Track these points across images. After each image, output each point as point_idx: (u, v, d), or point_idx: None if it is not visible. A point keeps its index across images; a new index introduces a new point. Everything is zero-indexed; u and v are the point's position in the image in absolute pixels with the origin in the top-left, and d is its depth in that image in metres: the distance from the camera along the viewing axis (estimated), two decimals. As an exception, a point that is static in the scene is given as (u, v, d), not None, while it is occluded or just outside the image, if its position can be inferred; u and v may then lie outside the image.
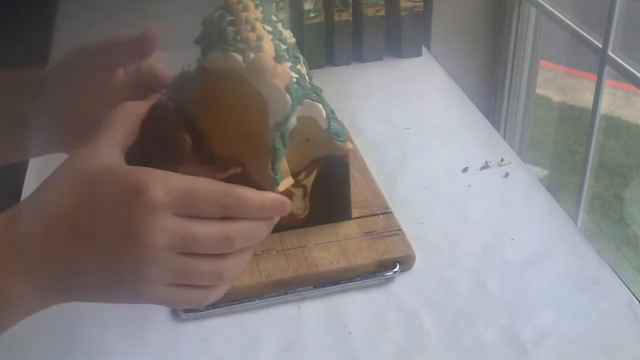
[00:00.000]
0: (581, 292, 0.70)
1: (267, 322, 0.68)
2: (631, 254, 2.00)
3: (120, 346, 0.65)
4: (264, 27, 0.82)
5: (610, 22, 0.89)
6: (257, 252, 0.72)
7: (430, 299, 0.70)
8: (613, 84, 2.33)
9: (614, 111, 2.71)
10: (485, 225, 0.79)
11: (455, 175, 0.86)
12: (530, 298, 0.70)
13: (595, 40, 0.94)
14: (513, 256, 0.74)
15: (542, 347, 0.65)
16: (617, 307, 0.69)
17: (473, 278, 0.72)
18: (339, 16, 1.10)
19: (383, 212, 0.78)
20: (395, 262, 0.72)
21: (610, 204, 2.31)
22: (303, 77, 0.76)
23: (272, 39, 0.80)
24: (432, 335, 0.66)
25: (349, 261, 0.72)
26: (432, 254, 0.75)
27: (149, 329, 0.67)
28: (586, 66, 2.45)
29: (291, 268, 0.71)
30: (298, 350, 0.65)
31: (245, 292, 0.69)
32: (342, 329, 0.67)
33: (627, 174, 2.44)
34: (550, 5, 1.06)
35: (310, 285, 0.71)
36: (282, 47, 0.79)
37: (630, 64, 0.89)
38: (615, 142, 2.66)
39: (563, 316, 0.68)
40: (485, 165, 0.88)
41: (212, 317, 0.68)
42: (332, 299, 0.70)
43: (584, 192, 1.01)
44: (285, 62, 0.58)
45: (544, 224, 0.79)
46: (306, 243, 0.74)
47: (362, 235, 0.75)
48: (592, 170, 1.01)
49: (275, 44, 0.79)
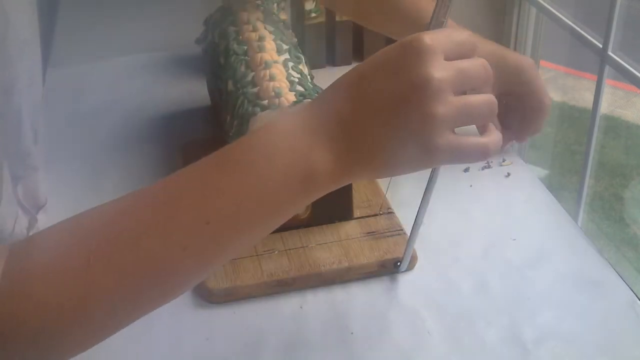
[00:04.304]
0: (583, 291, 0.70)
1: (269, 322, 0.68)
2: (631, 254, 2.00)
3: (123, 345, 0.65)
4: (265, 27, 0.82)
5: (610, 22, 0.89)
6: (259, 252, 0.72)
7: (432, 299, 0.70)
8: (613, 84, 2.33)
9: (614, 111, 2.72)
10: (487, 225, 0.79)
11: (457, 175, 0.87)
12: (532, 298, 0.70)
13: (595, 40, 0.94)
14: (514, 256, 0.75)
15: (543, 347, 0.65)
16: (618, 306, 0.69)
17: (475, 278, 0.72)
18: (340, 16, 1.10)
19: (385, 212, 0.78)
20: (397, 262, 0.72)
21: (610, 204, 2.32)
22: (305, 77, 0.76)
23: (273, 39, 0.80)
24: (434, 335, 0.66)
25: (351, 261, 0.72)
26: (434, 254, 0.75)
27: (151, 329, 0.67)
28: (586, 66, 2.45)
29: (293, 268, 0.71)
30: (300, 350, 0.65)
31: (247, 292, 0.70)
32: (344, 329, 0.67)
33: (627, 174, 2.44)
34: (550, 5, 1.06)
35: (312, 285, 0.71)
36: (284, 47, 0.79)
37: (630, 64, 0.88)
38: (615, 142, 2.66)
39: (564, 316, 0.68)
40: (487, 165, 0.88)
41: (215, 317, 0.68)
42: (334, 299, 0.70)
43: (584, 192, 1.00)
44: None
45: (545, 224, 0.80)
46: (308, 243, 0.74)
47: (364, 236, 0.75)
48: (592, 170, 1.01)
49: (277, 43, 0.79)
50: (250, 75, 0.75)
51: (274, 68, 0.74)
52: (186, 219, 0.49)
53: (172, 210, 0.49)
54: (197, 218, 0.49)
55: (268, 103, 0.71)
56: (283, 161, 0.50)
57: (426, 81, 0.49)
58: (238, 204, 0.50)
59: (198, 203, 0.49)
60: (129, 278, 0.48)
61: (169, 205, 0.50)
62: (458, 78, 0.51)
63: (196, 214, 0.49)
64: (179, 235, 0.49)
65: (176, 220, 0.49)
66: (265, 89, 0.72)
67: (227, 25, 0.84)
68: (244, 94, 0.73)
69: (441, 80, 0.50)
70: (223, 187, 0.50)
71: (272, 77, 0.73)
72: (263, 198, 0.50)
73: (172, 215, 0.49)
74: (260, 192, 0.50)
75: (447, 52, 0.51)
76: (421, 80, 0.49)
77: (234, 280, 0.70)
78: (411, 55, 0.50)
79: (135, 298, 0.49)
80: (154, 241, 0.48)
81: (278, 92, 0.71)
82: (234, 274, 0.70)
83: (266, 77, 0.73)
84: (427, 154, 0.51)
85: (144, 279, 0.49)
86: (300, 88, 0.73)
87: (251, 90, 0.73)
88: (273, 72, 0.73)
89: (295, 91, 0.72)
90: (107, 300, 0.48)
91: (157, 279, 0.49)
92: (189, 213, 0.49)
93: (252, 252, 0.72)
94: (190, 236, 0.49)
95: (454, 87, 0.51)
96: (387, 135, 0.51)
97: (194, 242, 0.49)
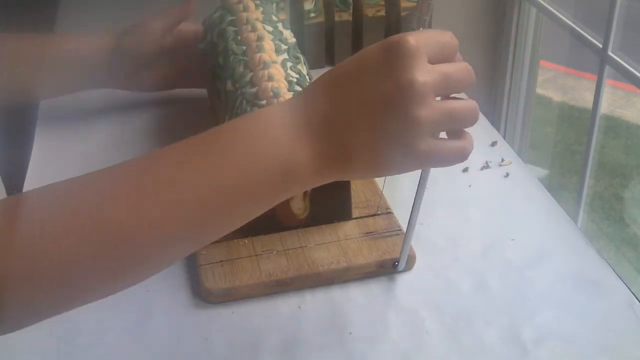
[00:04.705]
0: (582, 292, 0.70)
1: (268, 322, 0.68)
2: (631, 254, 2.00)
3: (121, 346, 0.65)
4: (264, 27, 0.82)
5: (610, 22, 0.89)
6: (257, 252, 0.72)
7: (431, 299, 0.70)
8: (613, 84, 2.33)
9: (614, 111, 2.72)
10: (486, 225, 0.79)
11: (456, 176, 0.86)
12: (531, 298, 0.70)
13: (595, 40, 0.94)
14: (513, 256, 0.74)
15: (542, 347, 0.65)
16: (617, 307, 0.69)
17: (474, 278, 0.72)
18: (339, 16, 1.10)
19: (383, 212, 0.78)
20: (395, 262, 0.72)
21: (610, 204, 2.32)
22: (304, 77, 0.76)
23: (272, 39, 0.80)
24: (433, 335, 0.66)
25: (349, 261, 0.72)
26: (432, 254, 0.75)
27: (149, 330, 0.67)
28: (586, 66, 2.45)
29: (292, 268, 0.71)
30: (298, 351, 0.65)
31: (245, 292, 0.69)
32: (342, 329, 0.67)
33: (627, 174, 2.44)
34: (550, 5, 1.06)
35: (310, 285, 0.71)
36: (283, 47, 0.79)
37: (630, 64, 0.88)
38: (615, 142, 2.66)
39: (564, 316, 0.68)
40: (486, 165, 0.88)
41: (213, 317, 0.68)
42: (333, 299, 0.70)
43: (584, 192, 1.00)
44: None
45: (544, 224, 0.79)
46: (306, 243, 0.74)
47: (363, 236, 0.75)
48: (592, 170, 1.01)
49: (275, 44, 0.79)
50: (249, 76, 0.74)
51: (273, 68, 0.74)
52: (158, 194, 0.48)
53: (143, 184, 0.48)
54: (169, 194, 0.48)
55: (266, 103, 0.71)
56: (264, 150, 0.50)
57: (410, 84, 0.49)
58: (213, 186, 0.49)
59: (173, 179, 0.49)
60: (85, 245, 0.47)
61: (141, 178, 0.49)
62: (442, 82, 0.51)
63: (169, 190, 0.48)
64: (147, 208, 0.48)
65: (146, 194, 0.48)
66: (264, 89, 0.72)
67: (226, 26, 0.84)
68: (242, 94, 0.73)
69: (425, 83, 0.50)
70: (201, 167, 0.49)
71: (271, 77, 0.73)
72: (239, 184, 0.49)
73: (142, 187, 0.48)
74: (237, 178, 0.49)
75: (430, 54, 0.51)
76: (405, 83, 0.49)
77: (233, 280, 0.70)
78: (396, 57, 0.50)
79: (89, 267, 0.48)
80: (119, 210, 0.47)
81: (276, 92, 0.71)
82: (232, 274, 0.70)
83: (265, 77, 0.73)
84: (408, 157, 0.51)
85: (102, 247, 0.47)
86: (299, 88, 0.73)
87: (250, 90, 0.73)
88: (271, 72, 0.73)
89: (293, 91, 0.72)
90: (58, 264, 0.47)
91: (116, 250, 0.48)
92: (161, 188, 0.48)
93: (251, 252, 0.72)
94: (160, 211, 0.48)
95: (438, 91, 0.51)
96: (368, 135, 0.51)
97: (163, 218, 0.48)
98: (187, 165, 0.49)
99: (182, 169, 0.49)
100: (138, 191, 0.48)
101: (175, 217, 0.48)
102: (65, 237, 0.47)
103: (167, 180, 0.49)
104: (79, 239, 0.47)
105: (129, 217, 0.47)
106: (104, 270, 0.49)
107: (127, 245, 0.48)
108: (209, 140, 0.51)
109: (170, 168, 0.49)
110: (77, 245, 0.47)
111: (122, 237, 0.47)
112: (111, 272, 0.49)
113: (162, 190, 0.48)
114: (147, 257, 0.50)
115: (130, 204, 0.48)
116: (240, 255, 0.72)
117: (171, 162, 0.50)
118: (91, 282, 0.49)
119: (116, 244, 0.48)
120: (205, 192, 0.49)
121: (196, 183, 0.49)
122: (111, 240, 0.47)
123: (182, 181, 0.49)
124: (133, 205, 0.48)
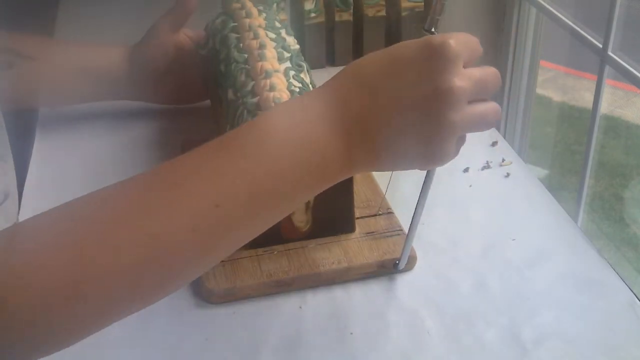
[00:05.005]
0: (582, 292, 0.70)
1: (269, 322, 0.68)
2: (631, 254, 2.00)
3: (123, 345, 0.65)
4: (267, 34, 0.81)
5: (610, 22, 0.89)
6: (258, 252, 0.72)
7: (432, 299, 0.70)
8: (613, 84, 2.33)
9: (614, 111, 2.72)
10: (486, 225, 0.79)
11: (456, 176, 0.86)
12: (531, 298, 0.70)
13: (595, 40, 0.94)
14: (514, 256, 0.74)
15: (543, 347, 0.65)
16: (618, 307, 0.69)
17: (474, 278, 0.72)
18: (340, 16, 1.10)
19: (384, 212, 0.78)
20: (396, 262, 0.72)
21: (610, 204, 2.32)
22: (307, 86, 0.75)
23: (275, 46, 0.79)
24: (433, 335, 0.66)
25: (350, 261, 0.72)
26: (433, 254, 0.75)
27: (151, 329, 0.67)
28: (586, 66, 2.45)
29: (292, 268, 0.71)
30: (299, 351, 0.65)
31: (246, 292, 0.70)
32: (343, 329, 0.67)
33: (627, 174, 2.44)
34: (550, 5, 1.06)
35: (311, 285, 0.71)
36: (285, 55, 0.78)
37: (630, 64, 0.88)
38: (615, 142, 2.66)
39: (564, 316, 0.68)
40: (486, 165, 0.88)
41: (214, 317, 0.68)
42: (334, 299, 0.70)
43: (584, 192, 1.00)
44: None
45: (545, 224, 0.79)
46: (307, 243, 0.74)
47: (363, 236, 0.75)
48: (592, 170, 1.01)
49: (278, 51, 0.78)
50: (251, 85, 0.73)
51: (275, 77, 0.72)
52: (195, 201, 0.48)
53: (178, 192, 0.48)
54: (206, 200, 0.48)
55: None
56: (296, 150, 0.50)
57: (450, 90, 0.50)
58: (249, 189, 0.49)
59: (207, 186, 0.48)
60: (125, 259, 0.46)
61: (176, 187, 0.48)
62: (476, 88, 0.52)
63: (205, 196, 0.48)
64: (186, 217, 0.48)
65: (184, 202, 0.48)
66: (266, 99, 0.70)
67: (228, 32, 0.83)
68: (244, 104, 0.72)
69: (462, 89, 0.51)
70: (234, 171, 0.49)
71: (273, 87, 0.71)
72: (275, 184, 0.50)
73: (178, 196, 0.48)
74: (273, 178, 0.50)
75: (465, 59, 0.52)
76: (445, 88, 0.50)
77: (234, 280, 0.70)
78: (437, 60, 0.51)
79: (132, 282, 0.48)
80: (157, 221, 0.47)
81: (278, 102, 0.69)
82: (233, 274, 0.70)
83: (266, 86, 0.71)
84: (432, 156, 0.53)
85: (143, 260, 0.47)
86: (302, 98, 0.72)
87: (251, 100, 0.71)
88: (273, 82, 0.72)
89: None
90: (100, 282, 0.46)
91: (159, 261, 0.48)
92: (197, 195, 0.48)
93: (252, 253, 0.72)
94: (200, 218, 0.48)
95: (471, 96, 0.52)
96: (400, 133, 0.51)
97: (203, 224, 0.48)
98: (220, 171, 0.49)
99: (216, 177, 0.49)
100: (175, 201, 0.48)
101: (214, 222, 0.49)
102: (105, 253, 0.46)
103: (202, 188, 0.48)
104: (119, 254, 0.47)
105: (170, 227, 0.47)
106: (144, 284, 0.49)
107: (170, 255, 0.48)
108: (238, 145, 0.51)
109: (203, 175, 0.49)
110: (118, 260, 0.46)
111: (165, 248, 0.48)
112: (152, 286, 0.50)
113: (199, 198, 0.48)
114: (189, 266, 0.50)
115: (169, 215, 0.48)
116: (241, 256, 0.72)
117: (202, 169, 0.49)
118: (133, 300, 0.50)
119: (159, 256, 0.48)
120: (241, 196, 0.49)
121: (231, 189, 0.49)
122: (153, 253, 0.47)
123: (217, 188, 0.49)
124: (173, 216, 0.48)
